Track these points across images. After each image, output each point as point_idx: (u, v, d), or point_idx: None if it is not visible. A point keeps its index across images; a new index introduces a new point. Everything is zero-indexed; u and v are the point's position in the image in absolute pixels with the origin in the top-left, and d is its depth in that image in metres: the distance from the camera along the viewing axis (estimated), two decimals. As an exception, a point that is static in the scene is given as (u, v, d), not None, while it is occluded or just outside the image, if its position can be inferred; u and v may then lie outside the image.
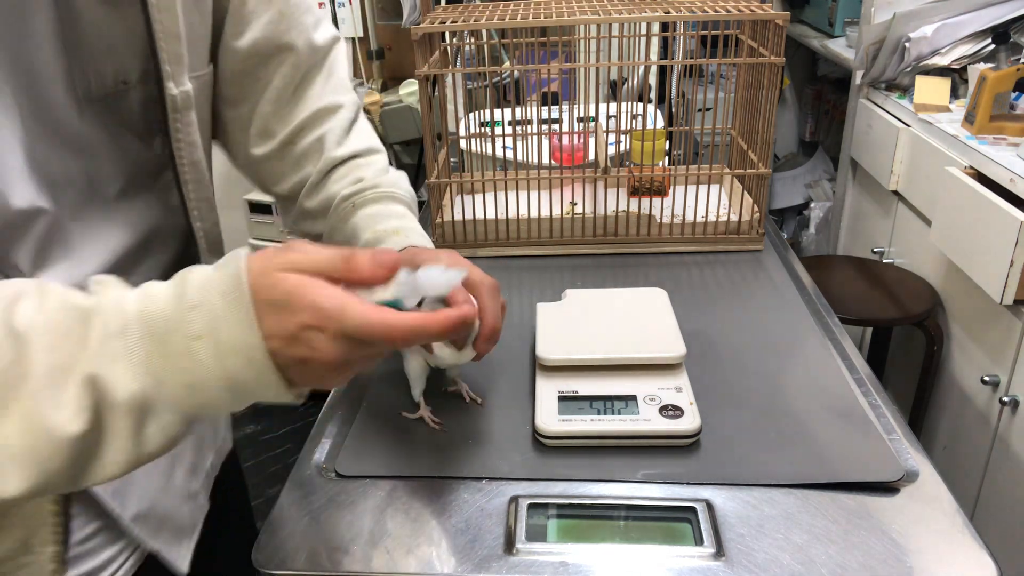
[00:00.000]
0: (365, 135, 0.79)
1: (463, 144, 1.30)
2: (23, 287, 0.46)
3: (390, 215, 0.74)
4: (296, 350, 0.46)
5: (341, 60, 0.78)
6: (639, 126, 1.17)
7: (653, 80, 1.66)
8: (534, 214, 1.12)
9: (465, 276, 0.54)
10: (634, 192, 1.21)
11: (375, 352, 0.49)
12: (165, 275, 0.49)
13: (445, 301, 0.55)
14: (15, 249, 0.53)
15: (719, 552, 0.59)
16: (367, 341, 0.46)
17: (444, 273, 0.51)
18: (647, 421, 0.70)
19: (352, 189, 0.74)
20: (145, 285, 0.47)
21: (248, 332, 0.45)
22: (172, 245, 0.67)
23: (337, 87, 0.77)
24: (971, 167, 1.52)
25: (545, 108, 1.32)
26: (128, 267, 0.62)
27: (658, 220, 1.11)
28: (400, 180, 0.79)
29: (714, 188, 1.24)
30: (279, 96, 0.72)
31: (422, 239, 0.72)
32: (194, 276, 0.47)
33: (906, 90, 1.92)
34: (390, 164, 0.81)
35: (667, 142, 1.27)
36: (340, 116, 0.77)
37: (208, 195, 0.67)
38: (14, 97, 0.52)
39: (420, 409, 0.75)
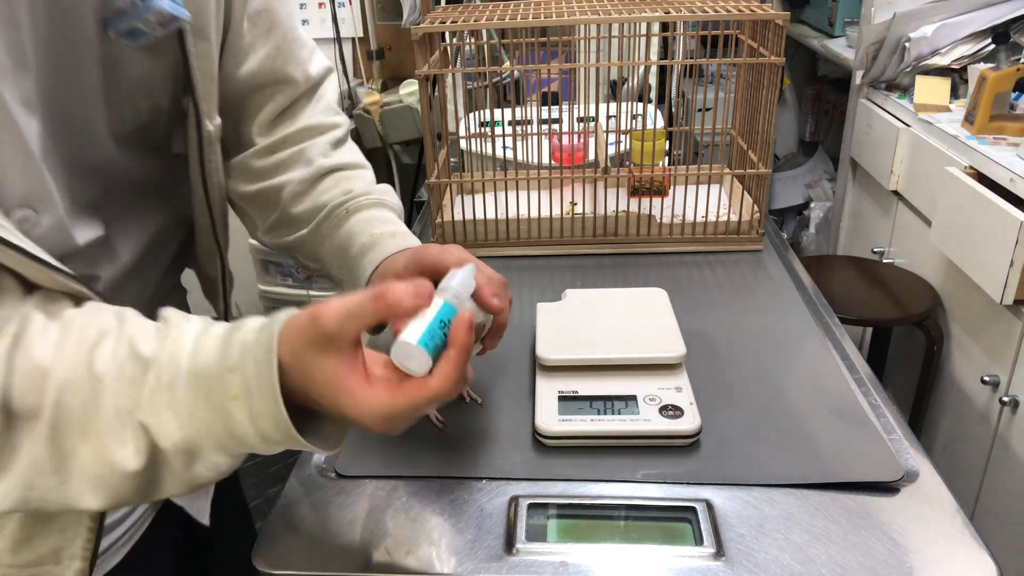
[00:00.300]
0: (353, 152, 0.81)
1: (463, 144, 1.30)
2: (107, 326, 0.51)
3: (385, 220, 0.75)
4: None
5: (332, 87, 0.81)
6: (639, 126, 1.17)
7: (653, 80, 1.66)
8: (534, 214, 1.12)
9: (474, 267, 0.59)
10: (634, 192, 1.21)
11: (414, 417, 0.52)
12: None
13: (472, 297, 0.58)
14: (86, 269, 0.61)
15: (719, 552, 0.59)
16: (402, 416, 0.50)
17: (466, 271, 0.57)
18: (647, 421, 0.70)
19: (344, 197, 0.75)
20: (199, 336, 0.52)
21: (274, 405, 0.48)
22: (180, 236, 0.76)
23: (326, 109, 0.79)
24: (971, 167, 1.52)
25: (545, 108, 1.32)
26: (147, 259, 0.69)
27: (658, 220, 1.11)
28: (389, 190, 0.80)
29: (714, 188, 1.24)
30: (267, 119, 0.75)
31: (416, 242, 0.73)
32: (239, 336, 0.51)
33: (906, 90, 1.92)
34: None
35: (667, 142, 1.27)
36: (329, 134, 0.79)
37: (226, 206, 0.75)
38: (62, 147, 0.56)
39: None
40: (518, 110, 1.22)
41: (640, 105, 1.17)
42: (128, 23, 0.56)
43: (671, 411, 0.71)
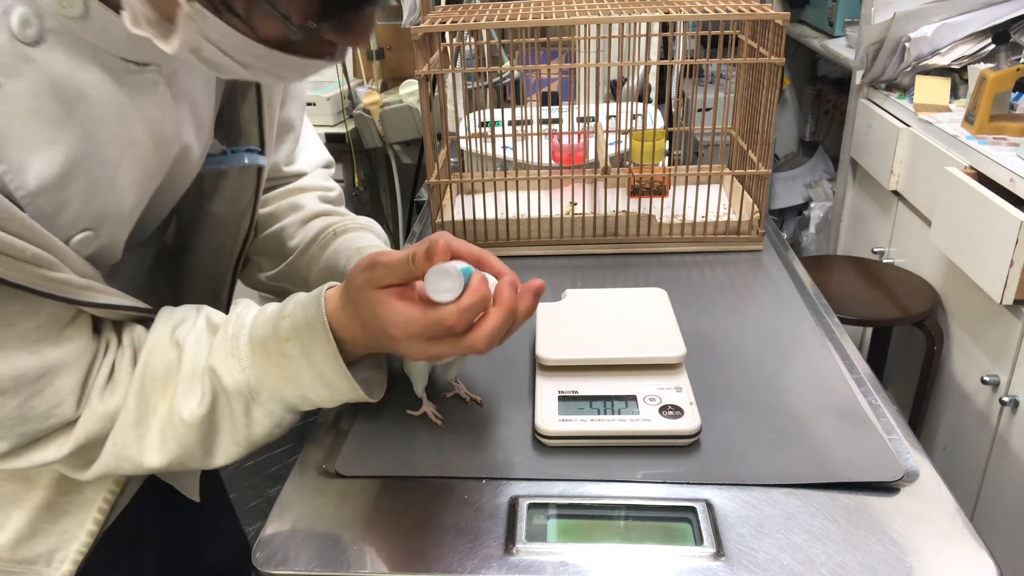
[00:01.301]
0: (342, 205, 0.89)
1: (463, 144, 1.30)
2: (187, 312, 0.63)
3: (370, 240, 0.81)
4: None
5: (329, 172, 0.91)
6: (639, 126, 1.17)
7: (653, 80, 1.66)
8: (534, 214, 1.12)
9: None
10: (634, 192, 1.21)
11: (448, 342, 0.58)
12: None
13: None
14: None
15: (719, 552, 0.59)
16: (435, 336, 0.57)
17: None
18: (647, 421, 0.70)
19: (330, 222, 0.82)
20: (266, 305, 0.64)
21: (324, 338, 0.59)
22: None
23: (320, 176, 0.88)
24: (971, 167, 1.52)
25: (545, 108, 1.32)
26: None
27: (658, 220, 1.10)
28: (374, 222, 0.87)
29: (714, 188, 1.24)
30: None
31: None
32: (294, 296, 0.62)
33: (906, 90, 1.93)
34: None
35: (667, 142, 1.27)
36: (320, 192, 0.86)
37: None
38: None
39: (423, 405, 0.75)
40: (518, 110, 1.22)
41: (640, 105, 1.17)
42: (215, 167, 0.69)
43: (671, 411, 0.71)
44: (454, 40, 1.23)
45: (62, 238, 0.52)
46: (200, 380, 0.58)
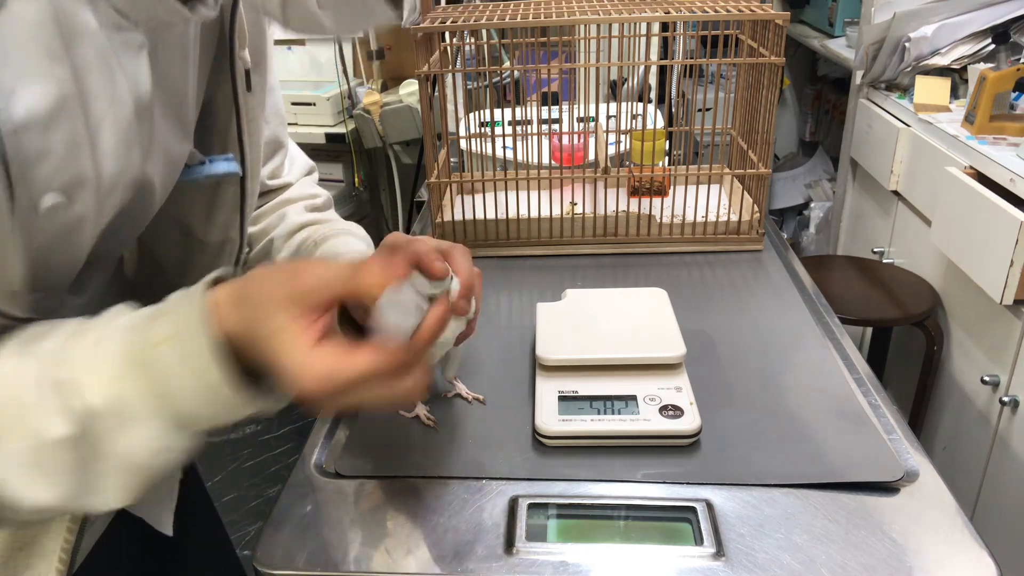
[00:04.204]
0: (328, 211, 0.87)
1: (463, 144, 1.30)
2: (63, 326, 0.50)
3: (351, 244, 0.79)
4: None
5: (314, 179, 0.90)
6: (639, 126, 1.17)
7: (653, 80, 1.66)
8: (534, 214, 1.12)
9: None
10: (634, 192, 1.21)
11: (392, 385, 0.49)
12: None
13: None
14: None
15: (719, 552, 0.59)
16: (341, 385, 0.47)
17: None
18: (647, 421, 0.70)
19: (310, 233, 0.81)
20: (144, 308, 0.51)
21: (203, 339, 0.47)
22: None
23: (306, 184, 0.87)
24: (971, 167, 1.52)
25: (545, 108, 1.32)
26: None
27: (658, 220, 1.10)
28: (356, 225, 0.85)
29: (714, 188, 1.24)
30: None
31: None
32: (177, 293, 0.51)
33: (906, 90, 1.92)
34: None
35: (667, 142, 1.27)
36: (307, 201, 0.85)
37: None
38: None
39: (416, 407, 0.75)
40: (518, 110, 1.22)
41: (640, 105, 1.17)
42: (192, 177, 0.64)
43: (671, 411, 0.71)
44: (454, 40, 1.23)
45: (35, 196, 0.47)
46: (51, 392, 0.47)
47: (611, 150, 1.22)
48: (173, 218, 0.67)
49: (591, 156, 1.27)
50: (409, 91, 2.35)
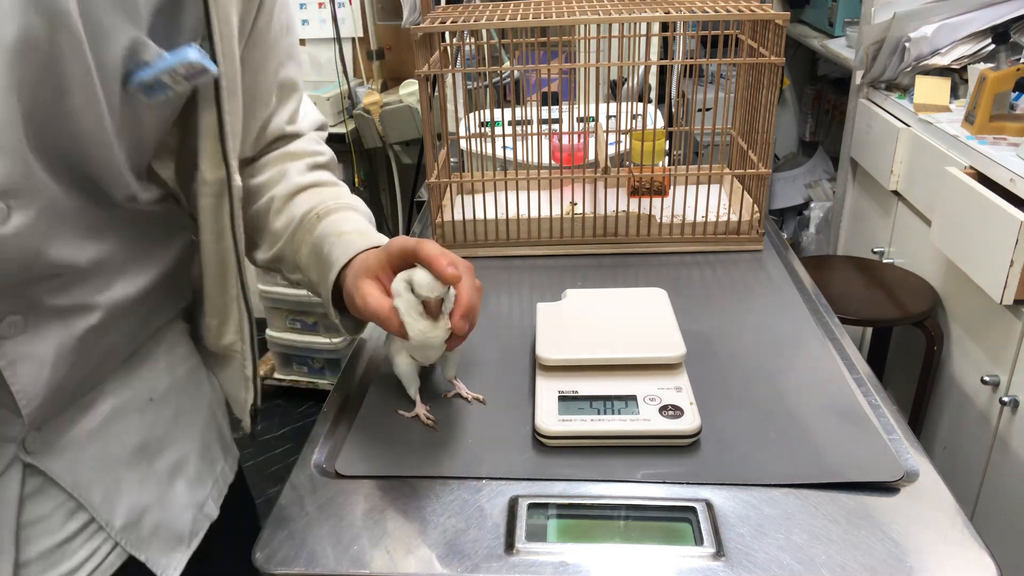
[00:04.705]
0: (331, 173, 0.83)
1: (463, 144, 1.30)
2: None
3: (353, 220, 0.76)
4: None
5: (322, 135, 0.85)
6: (639, 126, 1.17)
7: (653, 80, 1.66)
8: (534, 214, 1.12)
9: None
10: (634, 192, 1.21)
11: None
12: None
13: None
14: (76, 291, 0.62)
15: (719, 552, 0.59)
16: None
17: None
18: (647, 421, 0.70)
19: (313, 205, 0.77)
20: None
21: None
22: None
23: (310, 141, 0.82)
24: (971, 167, 1.52)
25: (545, 108, 1.32)
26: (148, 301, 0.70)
27: (658, 220, 1.10)
28: (359, 200, 0.82)
29: (714, 188, 1.24)
30: (253, 137, 0.76)
31: (384, 240, 0.74)
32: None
33: (906, 90, 1.92)
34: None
35: (667, 142, 1.27)
36: (310, 158, 0.80)
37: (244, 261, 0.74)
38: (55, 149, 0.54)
39: (416, 407, 0.75)
40: (518, 110, 1.22)
41: (640, 105, 1.17)
42: (152, 74, 0.54)
43: (671, 411, 0.71)
44: (454, 40, 1.23)
45: None
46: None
47: (611, 150, 1.22)
48: (144, 146, 0.61)
49: (591, 156, 1.27)
50: (409, 91, 2.35)
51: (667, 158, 1.28)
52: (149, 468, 0.69)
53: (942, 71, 1.85)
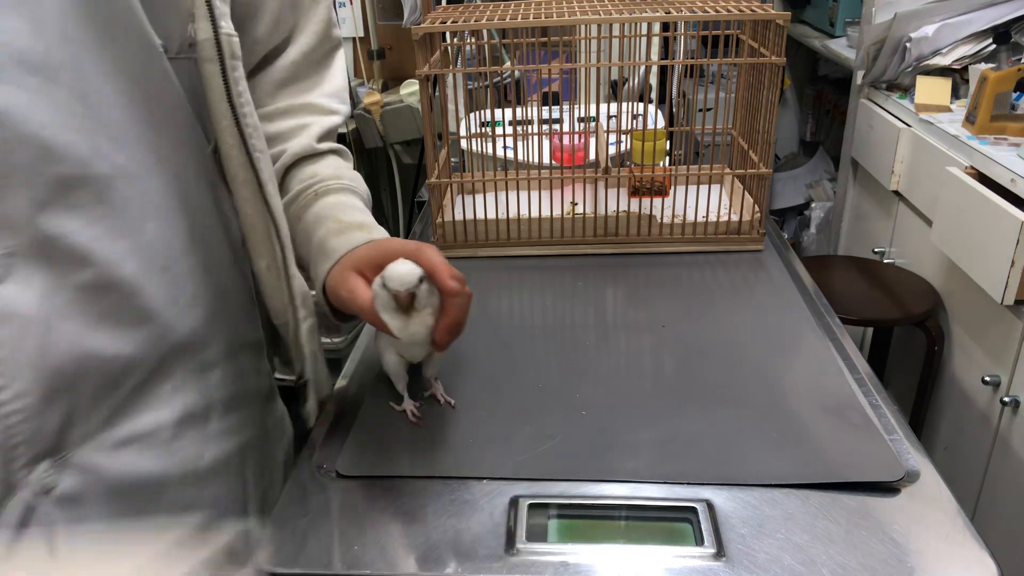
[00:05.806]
0: (333, 140, 0.81)
1: (464, 144, 1.30)
2: None
3: (353, 207, 0.74)
4: None
5: (342, 66, 0.81)
6: (640, 126, 1.17)
7: (654, 80, 1.66)
8: (535, 214, 1.12)
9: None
10: (635, 192, 1.21)
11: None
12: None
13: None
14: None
15: (719, 552, 0.59)
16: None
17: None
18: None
19: (311, 180, 0.75)
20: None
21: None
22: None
23: (332, 94, 0.79)
24: (972, 167, 1.52)
25: (546, 108, 1.32)
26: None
27: (659, 220, 1.10)
28: (358, 178, 0.80)
29: (715, 188, 1.24)
30: (276, 79, 0.74)
31: (383, 233, 0.73)
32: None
33: (907, 90, 1.92)
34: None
35: (668, 142, 1.27)
36: (328, 117, 0.78)
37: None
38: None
39: (404, 403, 0.75)
40: (519, 110, 1.22)
41: (641, 105, 1.17)
42: None
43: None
44: (455, 40, 1.23)
45: None
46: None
47: (612, 150, 1.22)
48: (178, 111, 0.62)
49: (592, 156, 1.27)
50: (410, 91, 2.35)
51: (668, 158, 1.28)
52: None
53: (943, 71, 1.85)
